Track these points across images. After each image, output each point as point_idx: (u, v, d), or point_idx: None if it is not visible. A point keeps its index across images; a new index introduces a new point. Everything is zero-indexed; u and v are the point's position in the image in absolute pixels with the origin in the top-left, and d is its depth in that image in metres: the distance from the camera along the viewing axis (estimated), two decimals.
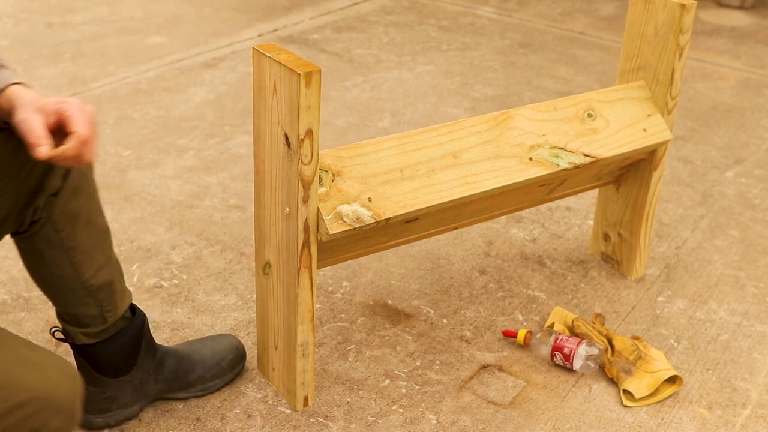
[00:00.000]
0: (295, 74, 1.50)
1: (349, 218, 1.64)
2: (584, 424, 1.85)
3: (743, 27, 4.51)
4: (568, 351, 1.96)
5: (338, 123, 3.17)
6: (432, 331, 2.10)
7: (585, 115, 2.02)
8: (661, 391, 1.94)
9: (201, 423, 1.79)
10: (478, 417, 1.85)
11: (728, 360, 2.07)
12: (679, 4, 2.00)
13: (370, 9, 4.46)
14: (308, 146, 1.56)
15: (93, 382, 1.72)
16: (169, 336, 2.03)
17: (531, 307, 2.21)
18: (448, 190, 1.77)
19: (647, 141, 2.07)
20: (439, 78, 3.63)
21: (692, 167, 2.98)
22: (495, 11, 4.55)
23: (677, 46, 2.03)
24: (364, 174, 1.70)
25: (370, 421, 1.83)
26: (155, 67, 3.57)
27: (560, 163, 1.93)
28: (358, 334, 2.08)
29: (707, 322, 2.20)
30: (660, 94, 2.11)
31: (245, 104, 3.27)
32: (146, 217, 2.49)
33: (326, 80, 3.52)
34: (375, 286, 2.26)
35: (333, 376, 1.94)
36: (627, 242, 2.30)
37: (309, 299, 1.72)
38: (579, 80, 3.68)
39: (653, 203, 2.25)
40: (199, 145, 2.94)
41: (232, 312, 2.13)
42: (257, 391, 1.89)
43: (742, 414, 1.91)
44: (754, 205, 2.76)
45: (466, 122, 1.87)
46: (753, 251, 2.51)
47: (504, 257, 2.41)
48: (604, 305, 2.23)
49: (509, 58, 3.89)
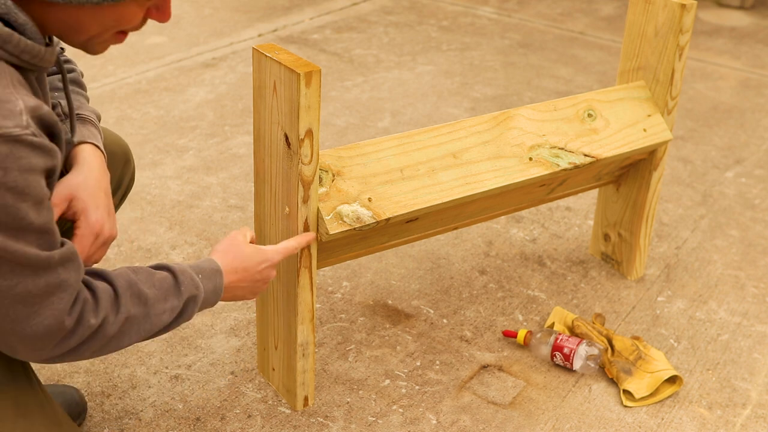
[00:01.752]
0: (295, 74, 1.50)
1: (349, 218, 1.64)
2: (584, 424, 1.85)
3: (743, 27, 4.51)
4: (568, 351, 1.96)
5: (338, 123, 3.17)
6: (432, 331, 2.10)
7: (585, 115, 2.02)
8: (661, 391, 1.94)
9: (201, 423, 1.79)
10: (478, 417, 1.85)
11: (728, 360, 2.07)
12: (679, 4, 2.00)
13: (370, 9, 4.46)
14: (308, 146, 1.56)
15: None
16: (169, 336, 2.03)
17: (531, 307, 2.21)
18: (448, 190, 1.77)
19: (647, 141, 2.07)
20: (439, 78, 3.63)
21: (692, 167, 2.98)
22: (495, 11, 4.55)
23: (677, 46, 2.03)
24: (364, 174, 1.70)
25: (370, 421, 1.83)
26: (155, 67, 3.57)
27: (560, 163, 1.93)
28: (358, 334, 2.08)
29: (707, 322, 2.20)
30: (660, 94, 2.11)
31: (245, 104, 3.27)
32: (146, 217, 2.49)
33: (326, 80, 3.52)
34: (375, 286, 2.26)
35: (333, 376, 1.94)
36: (627, 242, 2.30)
37: (309, 299, 1.71)
38: (579, 80, 3.68)
39: (653, 203, 2.25)
40: (199, 145, 2.94)
41: (232, 312, 2.13)
42: (257, 391, 1.89)
43: (742, 414, 1.91)
44: (754, 205, 2.76)
45: (466, 122, 1.87)
46: (753, 251, 2.51)
47: (504, 257, 2.41)
48: (604, 305, 2.23)
49: (509, 58, 3.89)
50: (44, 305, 1.15)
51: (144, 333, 1.31)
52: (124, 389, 1.87)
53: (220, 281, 1.42)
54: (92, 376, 1.90)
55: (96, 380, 1.89)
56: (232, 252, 1.48)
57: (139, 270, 1.33)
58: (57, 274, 1.16)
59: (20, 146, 1.08)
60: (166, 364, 1.94)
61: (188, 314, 1.37)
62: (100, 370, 1.91)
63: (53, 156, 1.14)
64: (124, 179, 1.65)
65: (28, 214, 1.10)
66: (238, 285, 1.48)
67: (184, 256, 2.32)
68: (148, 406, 1.83)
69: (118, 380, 1.89)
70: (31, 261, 1.12)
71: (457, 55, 3.90)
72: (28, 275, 1.13)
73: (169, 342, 2.01)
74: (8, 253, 1.10)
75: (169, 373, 1.92)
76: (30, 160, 1.09)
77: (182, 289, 1.34)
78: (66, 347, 1.21)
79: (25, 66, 1.17)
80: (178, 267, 1.37)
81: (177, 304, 1.34)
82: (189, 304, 1.36)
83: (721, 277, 2.37)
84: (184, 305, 1.35)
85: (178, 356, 1.97)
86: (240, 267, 1.47)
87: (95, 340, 1.24)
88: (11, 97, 1.09)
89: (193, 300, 1.36)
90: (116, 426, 1.77)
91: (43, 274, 1.14)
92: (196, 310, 1.39)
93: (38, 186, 1.12)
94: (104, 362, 1.93)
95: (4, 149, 1.06)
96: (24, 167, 1.09)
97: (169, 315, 1.33)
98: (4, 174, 1.06)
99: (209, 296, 1.41)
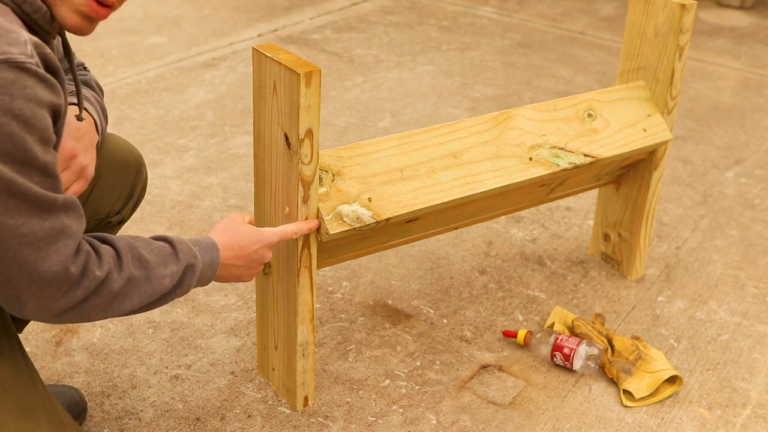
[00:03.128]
0: (295, 74, 1.50)
1: (349, 218, 1.64)
2: (584, 424, 1.85)
3: (743, 27, 4.51)
4: (568, 351, 1.96)
5: (338, 123, 3.17)
6: (432, 331, 2.10)
7: (585, 115, 2.02)
8: (661, 391, 1.94)
9: (201, 423, 1.79)
10: (478, 417, 1.85)
11: (728, 360, 2.07)
12: (679, 4, 2.00)
13: (370, 9, 4.46)
14: (308, 146, 1.56)
15: None
16: (169, 336, 2.03)
17: (531, 307, 2.21)
18: (448, 190, 1.77)
19: (647, 141, 2.07)
20: (439, 78, 3.63)
21: (692, 167, 2.98)
22: (495, 11, 4.55)
23: (677, 46, 2.03)
24: (364, 174, 1.70)
25: (370, 421, 1.83)
26: (155, 67, 3.57)
27: (560, 163, 1.93)
28: (358, 334, 2.08)
29: (707, 322, 2.20)
30: (660, 94, 2.11)
31: (245, 104, 3.27)
32: (146, 217, 2.49)
33: (326, 80, 3.52)
34: (375, 286, 2.26)
35: (333, 376, 1.94)
36: (627, 242, 2.30)
37: (309, 299, 1.71)
38: (579, 80, 3.68)
39: (653, 203, 2.25)
40: (199, 145, 2.94)
41: (232, 312, 2.13)
42: (257, 391, 1.89)
43: (742, 414, 1.91)
44: (754, 205, 2.76)
45: (466, 122, 1.87)
46: (753, 251, 2.51)
47: (504, 257, 2.41)
48: (604, 305, 2.23)
49: (509, 58, 3.89)
50: (50, 251, 1.16)
51: (146, 297, 1.33)
52: (124, 389, 1.87)
53: (216, 255, 1.45)
54: (92, 376, 1.90)
55: (96, 380, 1.89)
56: (230, 230, 1.51)
57: (138, 238, 1.35)
58: (60, 220, 1.17)
59: (26, 75, 1.08)
60: (166, 364, 1.94)
61: (187, 284, 1.39)
62: (100, 370, 1.92)
63: (58, 93, 1.14)
64: (136, 188, 1.66)
65: (33, 147, 1.10)
66: (234, 263, 1.50)
67: None
68: (148, 406, 1.83)
69: (118, 380, 1.89)
70: (36, 199, 1.12)
71: (457, 55, 3.90)
72: (34, 216, 1.13)
73: (169, 342, 2.01)
74: (14, 188, 1.09)
75: (169, 373, 1.92)
76: (35, 91, 1.09)
77: (180, 256, 1.37)
78: (72, 299, 1.22)
79: (28, 22, 1.19)
80: (176, 237, 1.40)
81: (177, 269, 1.36)
82: (187, 273, 1.38)
83: (721, 277, 2.37)
84: (183, 272, 1.37)
85: (178, 356, 1.97)
86: (236, 245, 1.49)
87: (100, 296, 1.25)
88: (16, 29, 1.10)
89: (191, 269, 1.39)
90: (116, 426, 1.77)
91: (48, 216, 1.15)
92: (194, 282, 1.41)
93: (44, 121, 1.11)
94: (104, 362, 1.94)
95: (9, 75, 1.06)
96: (29, 97, 1.08)
97: (170, 280, 1.35)
98: (10, 100, 1.06)
99: (206, 269, 1.43)
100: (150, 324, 2.06)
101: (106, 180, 1.57)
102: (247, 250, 1.51)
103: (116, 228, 1.66)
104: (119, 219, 1.63)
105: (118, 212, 1.62)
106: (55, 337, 2.00)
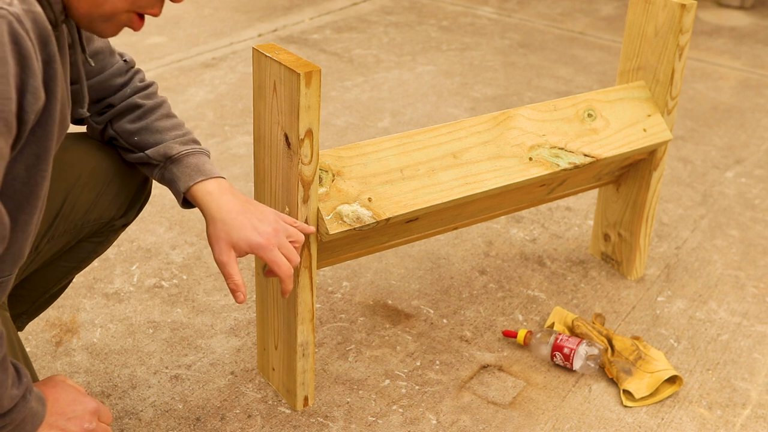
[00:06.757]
0: (295, 74, 1.50)
1: (349, 218, 1.64)
2: (584, 424, 1.85)
3: (743, 27, 4.51)
4: (568, 351, 1.96)
5: (338, 123, 3.17)
6: (432, 331, 2.10)
7: (585, 115, 2.02)
8: (661, 391, 1.94)
9: (201, 423, 1.79)
10: (478, 417, 1.85)
11: (728, 360, 2.07)
12: (679, 4, 2.00)
13: (370, 9, 4.46)
14: (308, 146, 1.56)
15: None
16: (169, 336, 2.03)
17: (531, 307, 2.21)
18: (448, 190, 1.77)
19: (647, 141, 2.07)
20: (439, 78, 3.63)
21: (692, 167, 2.98)
22: (495, 11, 4.55)
23: (677, 46, 2.03)
24: (364, 174, 1.70)
25: (370, 421, 1.83)
26: (155, 67, 3.57)
27: (560, 163, 1.93)
28: (358, 334, 2.08)
29: (707, 322, 2.20)
30: (660, 94, 2.11)
31: (245, 104, 3.27)
32: (146, 217, 2.49)
33: (326, 80, 3.52)
34: (375, 286, 2.26)
35: (333, 376, 1.94)
36: (627, 242, 2.30)
37: (309, 299, 1.72)
38: (579, 80, 3.68)
39: (653, 203, 2.25)
40: None
41: (232, 312, 2.13)
42: (257, 391, 1.89)
43: (742, 414, 1.91)
44: (754, 205, 2.76)
45: (466, 122, 1.87)
46: (753, 251, 2.51)
47: (504, 257, 2.41)
48: (604, 305, 2.23)
49: (509, 58, 3.89)
50: None
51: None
52: (124, 389, 1.87)
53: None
54: (92, 376, 1.90)
55: (96, 380, 1.89)
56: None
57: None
58: None
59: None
60: (166, 364, 1.94)
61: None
62: (100, 370, 1.92)
63: (30, 71, 0.97)
64: (142, 194, 1.65)
65: None
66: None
67: (184, 256, 2.32)
68: (148, 406, 1.83)
69: (118, 380, 1.89)
70: None
71: (457, 55, 3.90)
72: None
73: (169, 342, 2.01)
74: None
75: (169, 373, 1.92)
76: (3, 51, 0.92)
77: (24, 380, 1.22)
78: None
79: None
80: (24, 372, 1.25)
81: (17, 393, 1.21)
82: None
83: (721, 277, 2.37)
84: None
85: (178, 356, 1.97)
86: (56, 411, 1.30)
87: None
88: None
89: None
90: (116, 426, 1.77)
91: None
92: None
93: (6, 91, 0.94)
94: (104, 362, 1.94)
95: None
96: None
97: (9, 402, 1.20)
98: None
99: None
100: (150, 324, 2.06)
101: (114, 186, 1.57)
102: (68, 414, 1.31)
103: (119, 231, 1.66)
104: (123, 222, 1.63)
105: (122, 216, 1.62)
106: (55, 337, 2.00)
